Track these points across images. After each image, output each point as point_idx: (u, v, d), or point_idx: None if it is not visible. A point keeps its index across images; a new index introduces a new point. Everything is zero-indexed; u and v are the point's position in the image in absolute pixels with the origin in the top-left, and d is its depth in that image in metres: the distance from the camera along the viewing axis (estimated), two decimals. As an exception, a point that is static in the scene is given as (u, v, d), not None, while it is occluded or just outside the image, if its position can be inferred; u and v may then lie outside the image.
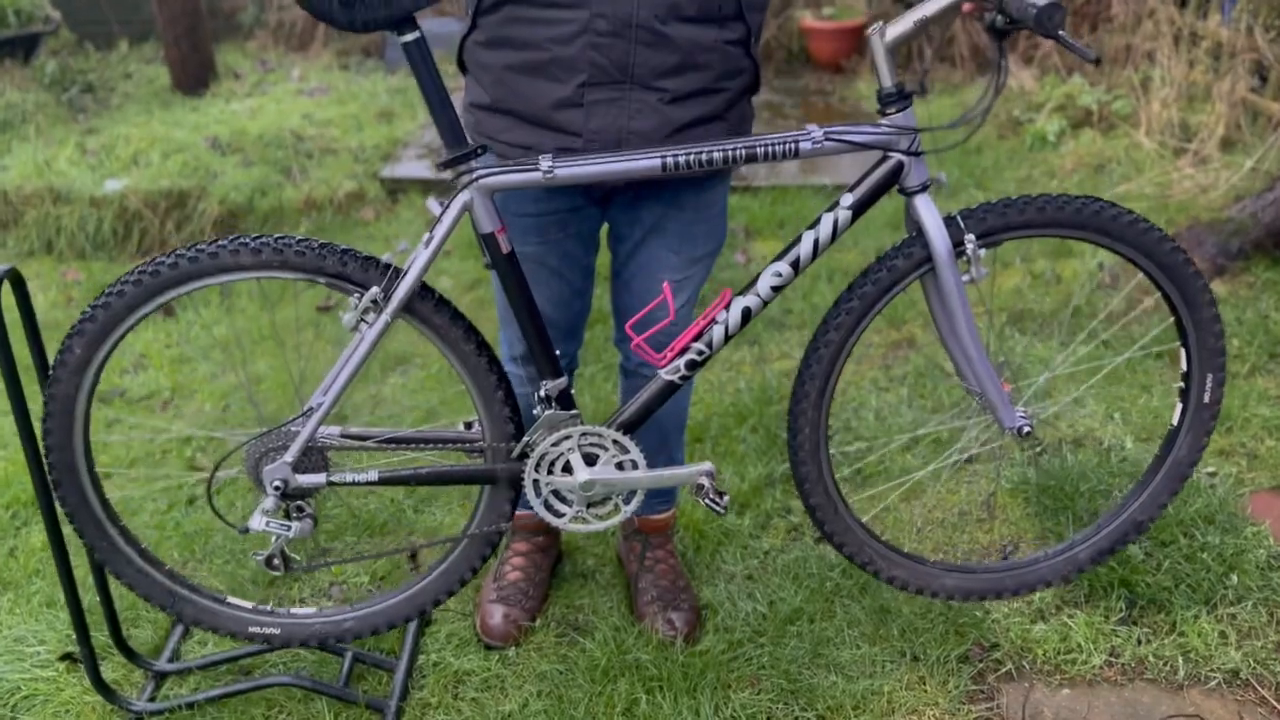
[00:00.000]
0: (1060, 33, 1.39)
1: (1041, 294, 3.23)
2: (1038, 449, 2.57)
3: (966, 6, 1.52)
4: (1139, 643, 2.01)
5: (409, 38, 1.46)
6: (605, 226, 1.88)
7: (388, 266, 1.56)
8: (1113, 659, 1.99)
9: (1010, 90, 4.70)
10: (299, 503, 1.66)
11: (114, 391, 3.02)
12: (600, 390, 2.90)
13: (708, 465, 1.75)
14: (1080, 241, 1.71)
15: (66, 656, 1.99)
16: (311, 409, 1.60)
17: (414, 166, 4.41)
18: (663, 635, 2.02)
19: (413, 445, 1.68)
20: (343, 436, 1.66)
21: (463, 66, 1.75)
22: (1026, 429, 1.76)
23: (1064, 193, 1.68)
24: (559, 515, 1.74)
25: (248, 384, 2.83)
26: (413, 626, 2.05)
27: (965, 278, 1.64)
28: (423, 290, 1.58)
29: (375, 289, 1.54)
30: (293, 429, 1.62)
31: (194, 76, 5.39)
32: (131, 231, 3.85)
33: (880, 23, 1.54)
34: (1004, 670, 1.97)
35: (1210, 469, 2.44)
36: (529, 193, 1.73)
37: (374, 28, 1.42)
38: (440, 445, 1.72)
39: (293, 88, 5.51)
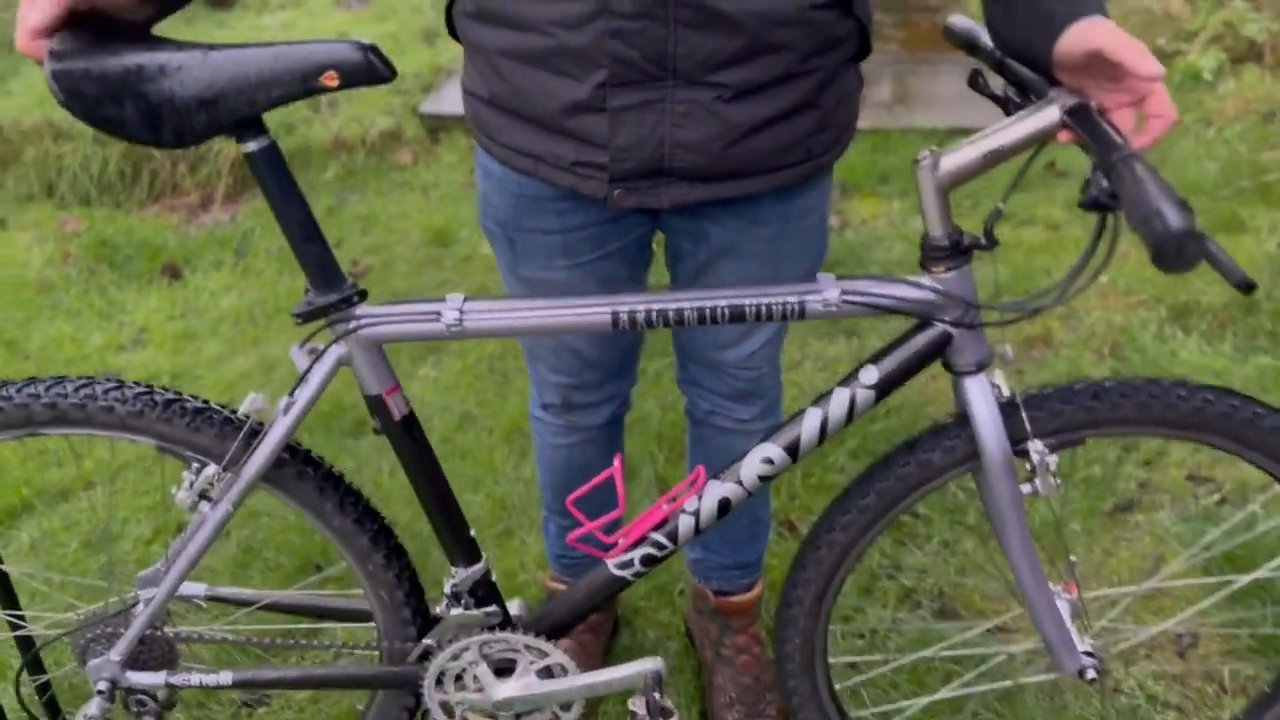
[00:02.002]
0: (1210, 248, 0.89)
1: (1212, 278, 2.66)
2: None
3: (1063, 137, 1.04)
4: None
5: (252, 147, 1.05)
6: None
7: (241, 428, 1.21)
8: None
9: (1153, 14, 4.01)
10: (139, 697, 1.34)
11: (106, 375, 2.61)
12: (667, 395, 2.43)
13: (653, 664, 1.32)
14: (1199, 445, 1.25)
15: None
16: (142, 601, 1.29)
17: (459, 100, 3.87)
18: (745, 755, 1.61)
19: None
20: (208, 599, 1.39)
21: (455, 35, 1.29)
22: (1091, 673, 1.29)
23: (1182, 379, 1.22)
24: None
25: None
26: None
27: (1026, 489, 1.20)
28: (284, 452, 1.23)
29: (213, 467, 1.21)
30: (132, 614, 1.31)
31: (223, -14, 4.89)
32: (140, 174, 3.41)
33: (931, 150, 1.06)
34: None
35: None
36: (545, 203, 1.29)
37: (195, 140, 1.03)
38: (328, 618, 1.43)
39: (331, -1, 4.99)
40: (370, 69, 0.98)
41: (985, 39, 1.19)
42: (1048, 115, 1.04)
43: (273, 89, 0.99)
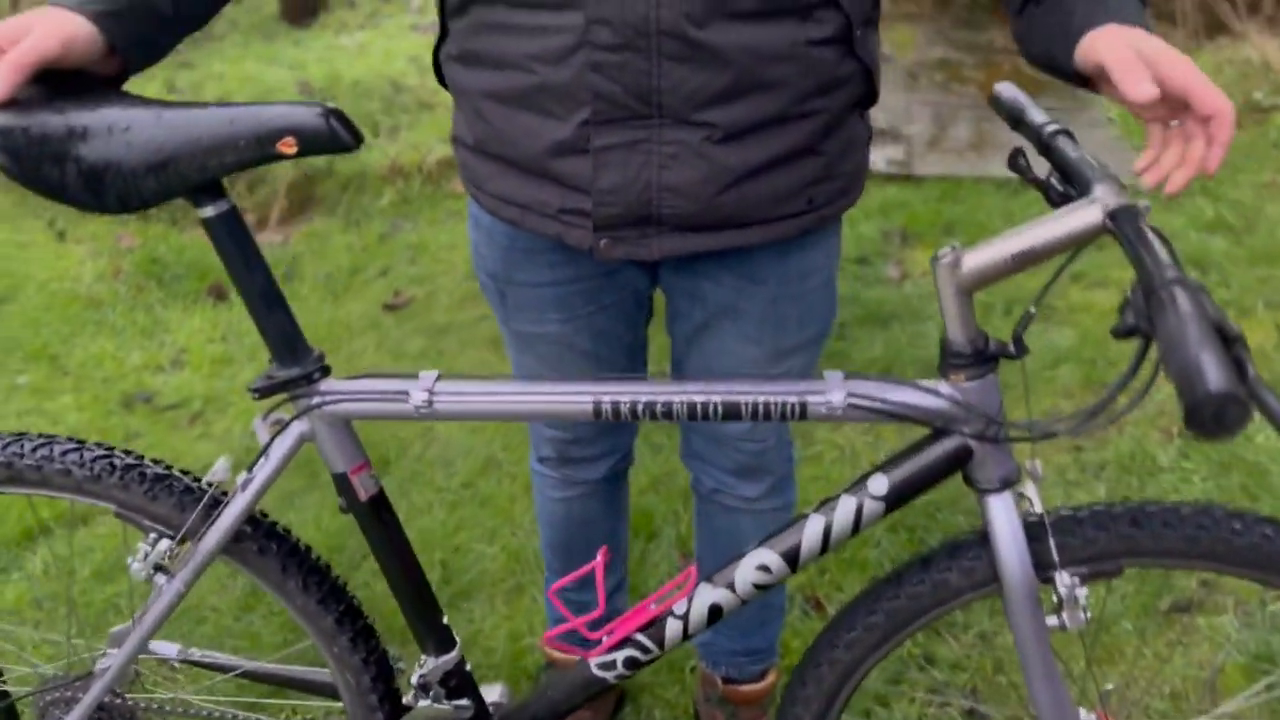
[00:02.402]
0: (1264, 398, 0.72)
1: (1294, 358, 2.47)
2: None
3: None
4: None
5: (209, 213, 0.98)
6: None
7: (201, 498, 1.14)
8: None
9: (1250, 65, 3.80)
10: None
11: (140, 396, 2.61)
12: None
13: None
14: (1260, 584, 1.07)
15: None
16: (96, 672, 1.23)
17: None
18: None
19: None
20: (181, 662, 1.31)
21: (444, 82, 1.23)
22: None
23: (1240, 510, 1.05)
24: None
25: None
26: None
27: (1051, 621, 1.05)
28: (244, 525, 1.17)
29: (167, 543, 1.13)
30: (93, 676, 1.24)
31: (303, 5, 4.96)
32: (199, 192, 3.43)
33: (953, 248, 0.95)
34: None
35: None
36: (536, 255, 1.23)
37: (143, 205, 0.97)
38: (306, 691, 1.33)
39: (408, 21, 5.02)
40: (332, 136, 0.92)
41: (1033, 113, 1.07)
42: (1088, 216, 0.91)
43: (226, 154, 0.92)
